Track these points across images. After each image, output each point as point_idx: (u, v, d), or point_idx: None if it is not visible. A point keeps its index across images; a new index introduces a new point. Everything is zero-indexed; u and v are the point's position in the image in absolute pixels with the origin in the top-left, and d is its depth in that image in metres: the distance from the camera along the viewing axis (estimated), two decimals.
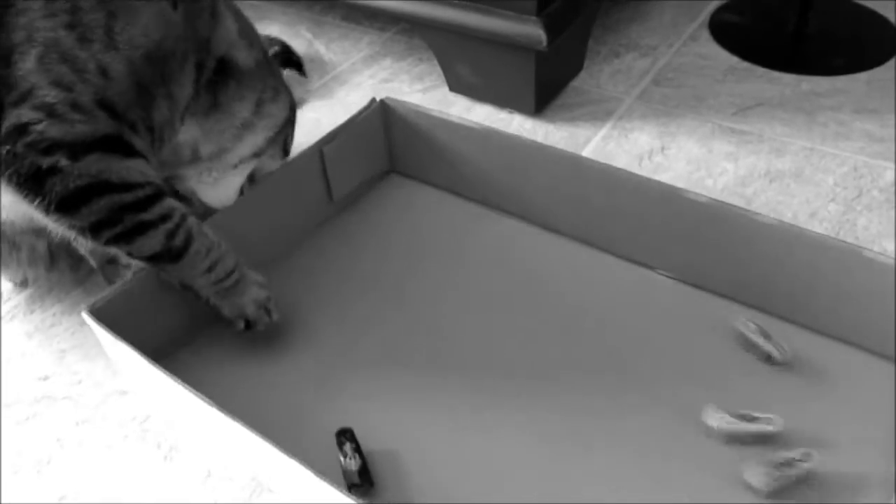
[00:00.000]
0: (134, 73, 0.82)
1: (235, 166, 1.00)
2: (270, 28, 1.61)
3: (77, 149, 0.78)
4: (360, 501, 0.67)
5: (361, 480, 0.81)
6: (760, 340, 0.90)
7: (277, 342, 0.96)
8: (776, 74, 1.39)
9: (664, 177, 1.16)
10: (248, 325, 0.93)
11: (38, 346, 1.00)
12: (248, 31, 0.98)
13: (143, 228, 0.83)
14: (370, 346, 0.96)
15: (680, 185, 1.12)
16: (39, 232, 0.96)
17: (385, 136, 1.18)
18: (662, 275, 1.01)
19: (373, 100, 1.14)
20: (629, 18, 1.58)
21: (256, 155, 1.01)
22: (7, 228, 0.95)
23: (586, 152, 1.23)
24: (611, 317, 0.98)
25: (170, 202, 0.85)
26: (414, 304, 1.01)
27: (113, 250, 0.87)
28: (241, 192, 1.03)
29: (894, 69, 1.39)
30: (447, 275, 1.05)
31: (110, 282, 1.01)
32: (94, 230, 0.82)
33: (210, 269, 0.89)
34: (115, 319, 0.85)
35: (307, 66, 1.49)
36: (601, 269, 1.04)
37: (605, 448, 0.84)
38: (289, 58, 1.43)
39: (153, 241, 0.84)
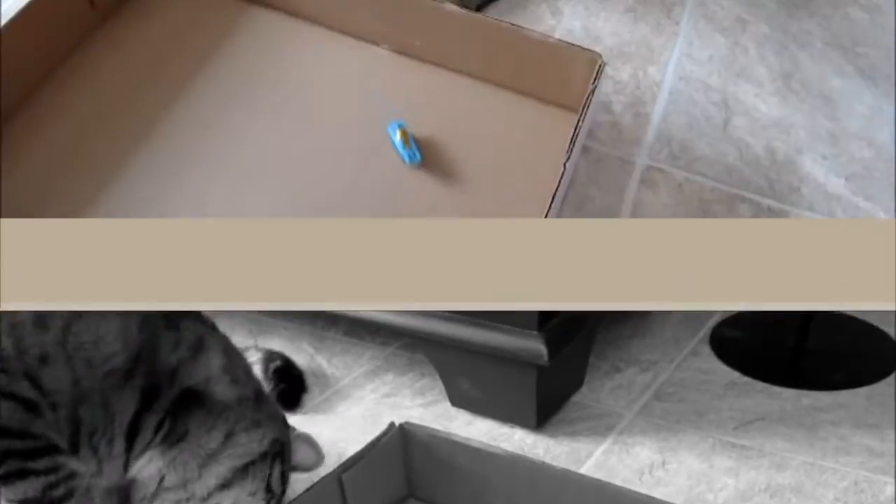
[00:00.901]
0: (73, 372, 0.86)
1: (204, 500, 0.97)
2: (272, 342, 1.70)
3: None
4: None
5: None
6: None
7: None
8: (776, 389, 1.48)
9: (665, 491, 1.22)
10: None
11: None
12: (235, 368, 1.01)
13: (24, 474, 0.84)
14: None
15: (680, 499, 1.19)
16: None
17: (404, 461, 1.21)
18: None
19: (391, 424, 1.19)
20: (630, 334, 1.68)
21: (224, 486, 0.98)
22: None
23: (587, 467, 1.30)
24: None
25: (62, 459, 0.86)
26: None
27: None
28: None
29: (894, 384, 1.47)
30: None
31: None
32: None
33: None
34: None
35: (309, 381, 1.58)
36: None
37: None
38: (290, 372, 1.52)
39: (30, 488, 0.84)
